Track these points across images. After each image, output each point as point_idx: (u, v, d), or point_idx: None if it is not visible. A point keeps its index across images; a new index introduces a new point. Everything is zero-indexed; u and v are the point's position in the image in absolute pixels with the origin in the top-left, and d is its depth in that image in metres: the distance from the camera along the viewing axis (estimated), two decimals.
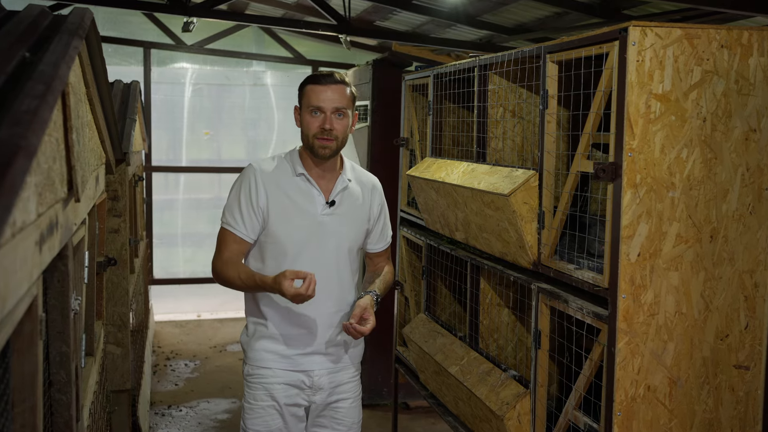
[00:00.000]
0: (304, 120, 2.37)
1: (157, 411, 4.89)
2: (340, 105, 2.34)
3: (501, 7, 5.18)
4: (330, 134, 2.33)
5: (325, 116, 2.33)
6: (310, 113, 2.35)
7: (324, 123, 2.32)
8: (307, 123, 2.36)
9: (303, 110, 2.38)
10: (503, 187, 2.52)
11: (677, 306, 2.11)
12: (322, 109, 2.33)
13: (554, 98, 2.43)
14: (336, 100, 2.33)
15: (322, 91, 2.34)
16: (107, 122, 2.86)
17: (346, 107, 2.36)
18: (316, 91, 2.34)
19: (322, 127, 2.32)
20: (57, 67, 1.26)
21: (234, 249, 2.37)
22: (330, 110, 2.33)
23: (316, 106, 2.33)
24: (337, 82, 2.35)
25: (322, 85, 2.34)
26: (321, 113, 2.34)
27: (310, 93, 2.36)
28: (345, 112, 2.36)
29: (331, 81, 2.35)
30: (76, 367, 1.98)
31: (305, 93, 2.38)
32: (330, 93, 2.34)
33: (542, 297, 2.47)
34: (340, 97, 2.34)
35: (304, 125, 2.37)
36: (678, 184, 2.08)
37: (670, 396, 2.13)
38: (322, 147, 2.34)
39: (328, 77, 2.36)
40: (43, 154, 1.38)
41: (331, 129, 2.32)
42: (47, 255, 1.44)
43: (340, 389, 2.50)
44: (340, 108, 2.34)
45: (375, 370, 5.01)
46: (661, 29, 2.03)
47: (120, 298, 3.92)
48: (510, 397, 2.61)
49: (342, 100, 2.35)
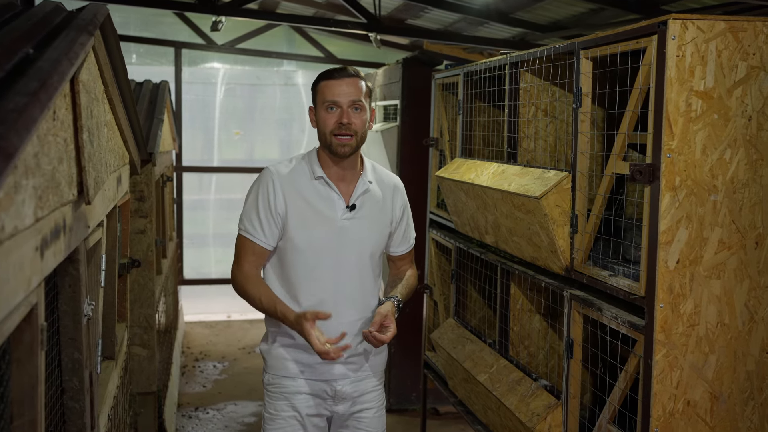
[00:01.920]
0: (320, 118, 2.29)
1: (184, 413, 4.86)
2: (356, 98, 2.26)
3: (535, 3, 5.06)
4: (348, 129, 2.24)
5: (342, 110, 2.25)
6: (325, 109, 2.27)
7: (341, 118, 2.24)
8: (324, 120, 2.27)
9: (318, 108, 2.30)
10: (534, 189, 2.42)
11: (719, 316, 1.99)
12: (338, 103, 2.25)
13: (588, 96, 2.32)
14: (352, 93, 2.25)
15: (336, 86, 2.26)
16: (130, 122, 2.81)
17: (363, 100, 2.28)
18: (330, 86, 2.27)
19: (340, 122, 2.24)
20: (57, 63, 1.19)
21: (253, 259, 2.30)
22: (346, 104, 2.25)
23: (331, 101, 2.25)
24: (350, 75, 2.28)
25: (336, 79, 2.27)
26: (337, 108, 2.26)
27: (324, 89, 2.28)
28: (362, 106, 2.27)
29: (344, 74, 2.27)
30: (90, 374, 1.93)
31: (319, 90, 2.30)
32: (345, 87, 2.26)
33: (575, 304, 2.36)
34: (355, 90, 2.26)
35: (321, 123, 2.29)
36: (720, 187, 1.96)
37: (712, 412, 2.01)
38: (341, 145, 2.26)
39: (341, 71, 2.29)
40: (46, 155, 1.31)
41: (349, 123, 2.24)
42: (51, 260, 1.38)
43: (363, 398, 2.41)
44: (356, 101, 2.26)
45: (404, 374, 4.92)
46: (703, 22, 1.92)
47: (146, 300, 3.88)
48: (541, 408, 2.50)
49: (358, 92, 2.26)
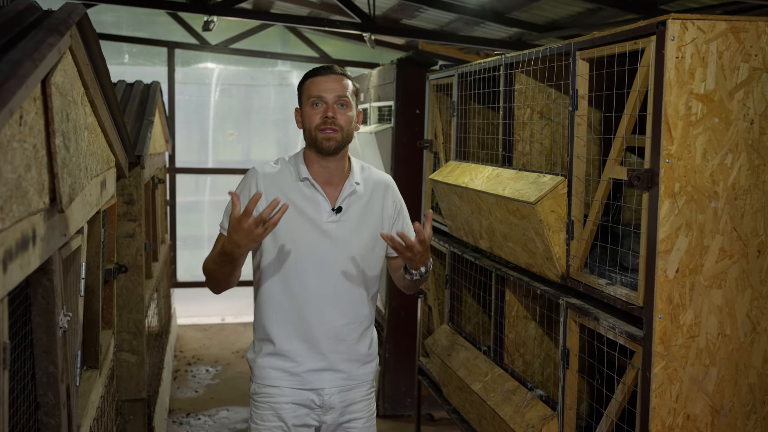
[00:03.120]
0: (305, 114, 2.24)
1: (175, 419, 4.78)
2: (342, 93, 2.21)
3: (532, 3, 4.99)
4: (334, 123, 2.19)
5: (327, 106, 2.20)
6: (311, 105, 2.22)
7: (326, 112, 2.20)
8: (309, 116, 2.22)
9: (303, 105, 2.26)
10: (529, 194, 2.35)
11: (720, 327, 1.92)
12: (324, 99, 2.20)
13: (585, 98, 2.25)
14: (337, 89, 2.21)
15: (322, 82, 2.22)
16: (116, 124, 2.74)
17: (349, 97, 2.23)
18: (316, 82, 2.23)
19: (325, 116, 2.19)
20: (18, 66, 1.12)
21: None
22: (332, 99, 2.20)
23: (316, 96, 2.21)
24: (337, 73, 2.25)
25: (322, 76, 2.23)
26: (323, 103, 2.21)
27: (310, 85, 2.24)
28: (348, 103, 2.22)
29: (330, 72, 2.24)
30: (67, 387, 1.86)
31: (305, 88, 2.26)
32: (330, 83, 2.22)
33: (571, 313, 2.29)
34: (341, 86, 2.22)
35: (306, 119, 2.24)
36: (721, 193, 1.88)
37: (713, 426, 1.94)
38: (326, 138, 2.19)
39: (328, 68, 2.26)
40: (9, 163, 1.24)
41: (334, 117, 2.19)
42: (17, 273, 1.31)
43: (352, 408, 2.34)
44: (342, 96, 2.21)
45: (398, 379, 4.85)
46: (704, 22, 1.85)
47: (135, 305, 3.80)
48: (536, 420, 2.43)
49: (343, 89, 2.22)
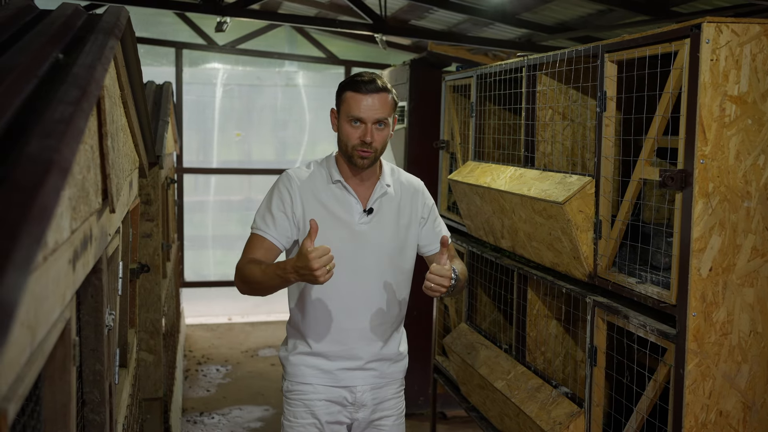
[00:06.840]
0: (342, 129, 2.22)
1: (189, 418, 4.81)
2: (382, 116, 2.18)
3: (542, 4, 5.02)
4: (370, 147, 2.19)
5: (366, 128, 2.18)
6: (349, 123, 2.20)
7: (365, 136, 2.17)
8: (347, 133, 2.21)
9: (341, 118, 2.23)
10: (557, 194, 2.38)
11: (752, 325, 1.95)
12: (363, 120, 2.18)
13: (613, 100, 2.28)
14: (378, 110, 2.18)
15: (362, 100, 2.17)
16: (141, 125, 2.76)
17: (388, 116, 2.21)
18: (357, 99, 2.18)
19: (363, 140, 2.18)
20: (93, 70, 1.15)
21: (261, 252, 2.22)
22: (371, 121, 2.18)
23: (356, 116, 2.18)
24: (379, 90, 2.18)
25: (363, 93, 2.18)
26: (362, 124, 2.19)
27: (351, 101, 2.19)
28: (386, 122, 2.21)
29: (372, 89, 2.18)
30: (110, 385, 1.88)
31: (344, 100, 2.22)
32: (371, 101, 2.17)
33: (599, 311, 2.33)
34: (381, 106, 2.18)
35: (343, 134, 2.22)
36: (754, 193, 1.92)
37: (745, 422, 1.97)
38: (361, 158, 2.20)
39: (370, 84, 2.18)
40: (78, 164, 1.27)
41: (371, 142, 2.18)
42: (81, 272, 1.33)
43: (383, 406, 2.37)
44: (381, 119, 2.19)
45: (411, 378, 4.84)
46: (738, 25, 1.88)
47: (152, 305, 3.83)
48: (563, 417, 2.46)
49: (384, 109, 2.19)
